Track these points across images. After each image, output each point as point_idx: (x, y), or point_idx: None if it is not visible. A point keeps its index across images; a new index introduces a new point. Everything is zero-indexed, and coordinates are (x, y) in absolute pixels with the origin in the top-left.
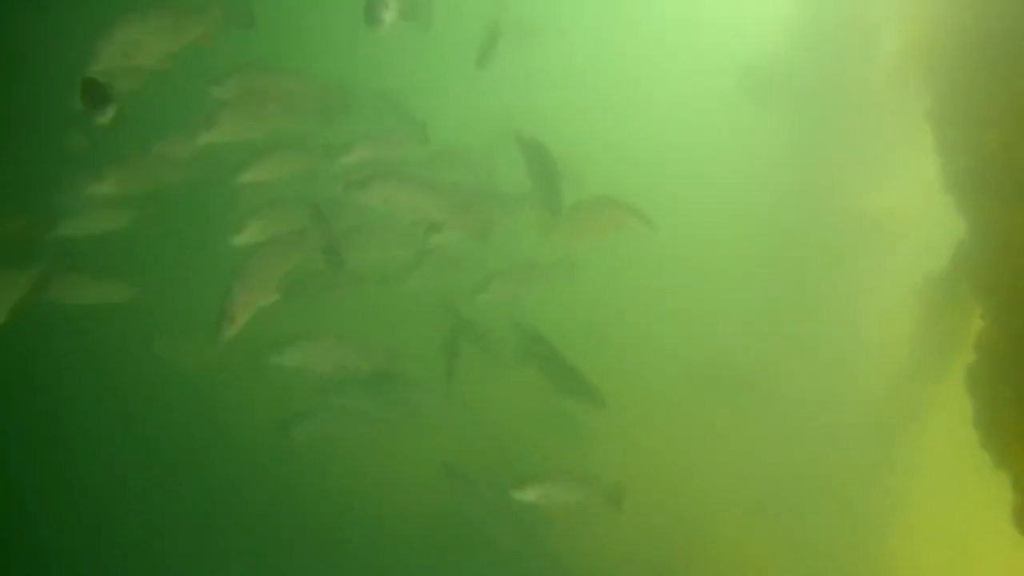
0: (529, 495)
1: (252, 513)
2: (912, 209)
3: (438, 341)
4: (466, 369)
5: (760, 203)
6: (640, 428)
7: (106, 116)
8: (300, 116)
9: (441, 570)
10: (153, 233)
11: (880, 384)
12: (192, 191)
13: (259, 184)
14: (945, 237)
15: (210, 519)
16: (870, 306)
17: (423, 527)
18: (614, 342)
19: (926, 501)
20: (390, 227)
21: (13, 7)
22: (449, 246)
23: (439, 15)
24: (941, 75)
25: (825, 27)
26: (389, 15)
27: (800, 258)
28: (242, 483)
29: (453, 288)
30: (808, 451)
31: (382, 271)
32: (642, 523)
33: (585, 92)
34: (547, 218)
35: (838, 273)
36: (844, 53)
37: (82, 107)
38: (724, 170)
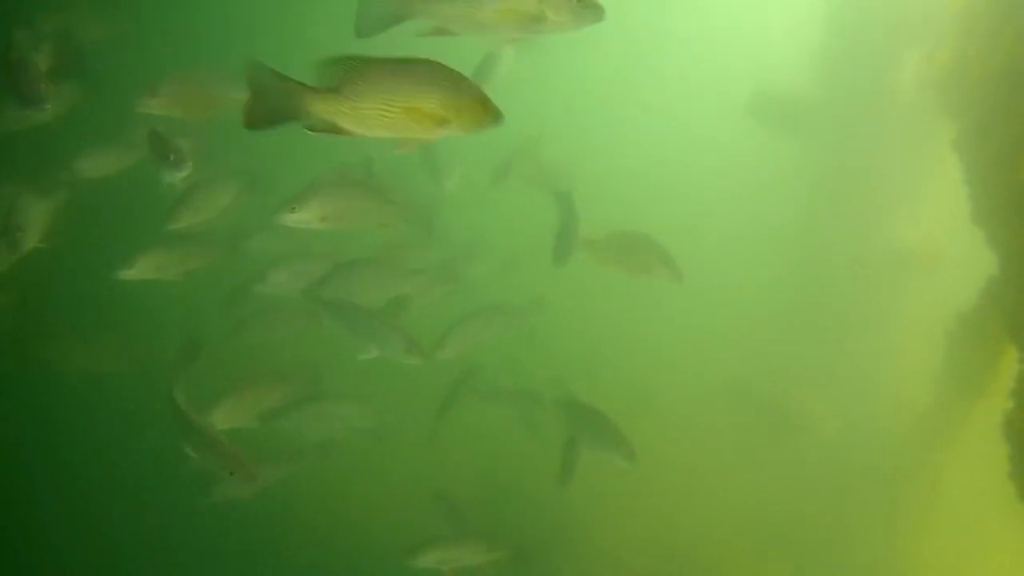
0: (426, 560)
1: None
2: (941, 242)
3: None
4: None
5: (781, 236)
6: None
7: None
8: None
9: None
10: None
11: (904, 423)
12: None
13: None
14: (975, 272)
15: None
16: (897, 341)
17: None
18: (634, 365)
19: (945, 549)
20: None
21: None
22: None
23: None
24: (968, 103)
25: (848, 51)
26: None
27: (820, 294)
28: None
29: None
30: (824, 485)
31: None
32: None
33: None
34: (558, 258)
35: (863, 306)
36: (867, 79)
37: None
38: (747, 200)
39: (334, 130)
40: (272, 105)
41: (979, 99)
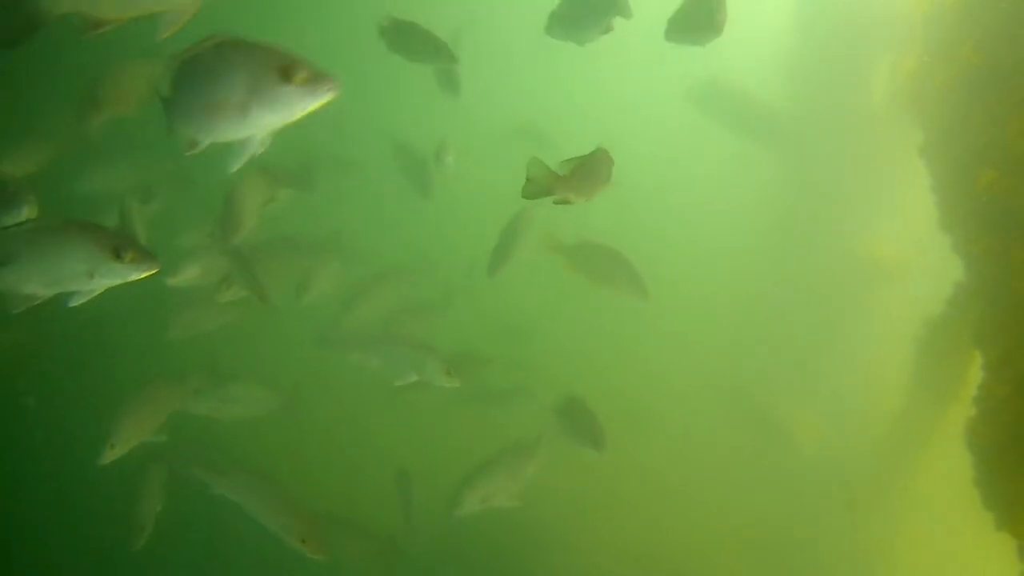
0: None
1: None
2: (910, 249)
3: None
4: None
5: (752, 245)
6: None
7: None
8: None
9: None
10: None
11: (875, 429)
12: None
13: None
14: (944, 279)
15: None
16: (868, 347)
17: None
18: (618, 368)
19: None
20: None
21: None
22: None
23: None
24: (932, 111)
25: (817, 60)
26: None
27: (793, 302)
28: None
29: None
30: (798, 490)
31: None
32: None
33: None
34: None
35: (834, 313)
36: (837, 87)
37: None
38: (719, 209)
39: None
40: None
41: (942, 107)
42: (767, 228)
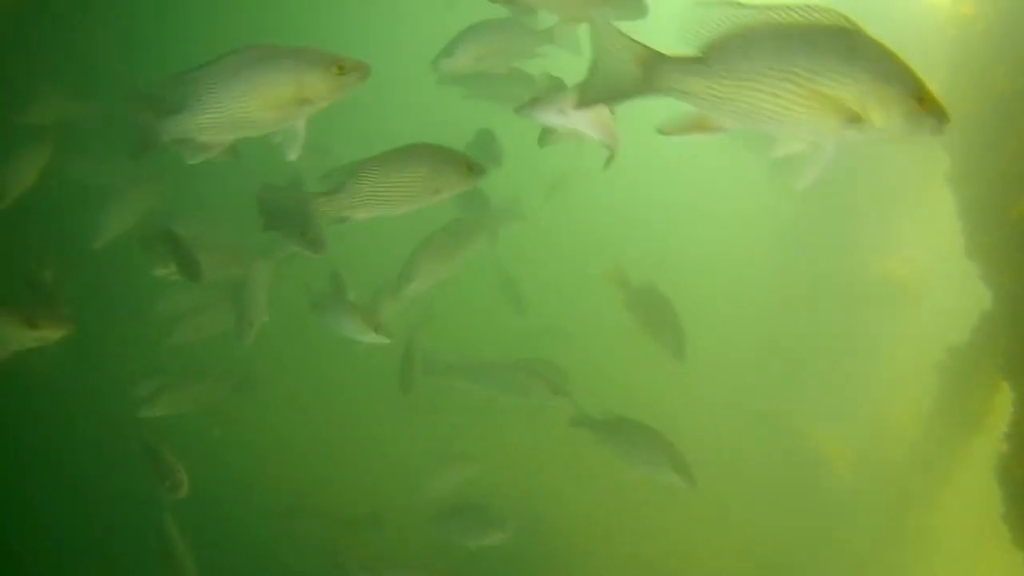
0: None
1: None
2: (935, 274)
3: None
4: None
5: (776, 267)
6: None
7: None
8: None
9: None
10: None
11: (898, 457)
12: None
13: None
14: (968, 306)
15: None
16: (891, 373)
17: None
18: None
19: None
20: None
21: None
22: None
23: None
24: (961, 137)
25: None
26: None
27: (816, 326)
28: None
29: None
30: (815, 519)
31: None
32: None
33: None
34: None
35: (857, 338)
36: None
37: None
38: (741, 230)
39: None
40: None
41: (971, 133)
42: (788, 248)
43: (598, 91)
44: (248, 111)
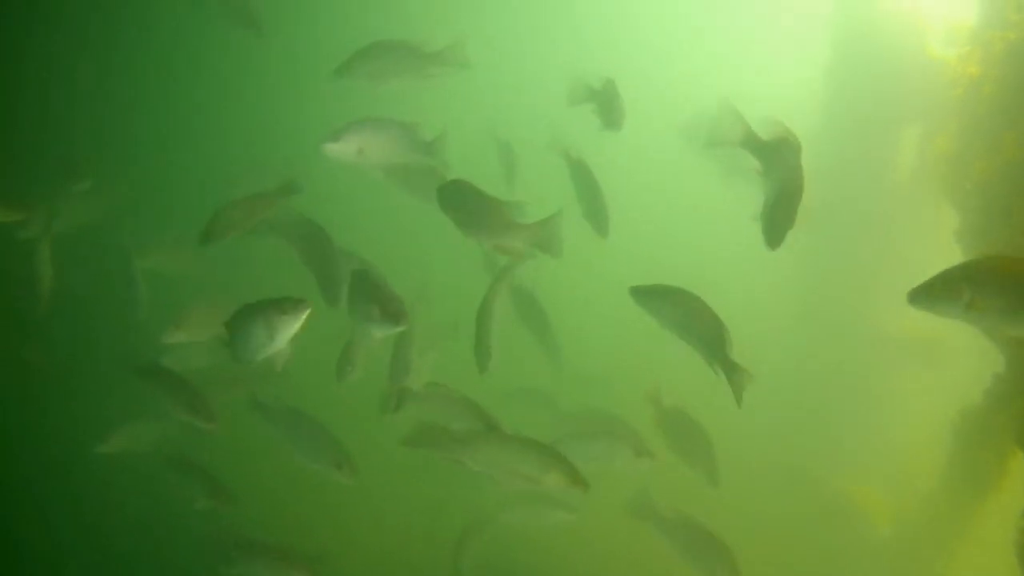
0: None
1: None
2: (948, 333)
3: None
4: None
5: (787, 322)
6: None
7: None
8: None
9: None
10: None
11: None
12: None
13: None
14: (982, 367)
15: None
16: (906, 433)
17: None
18: None
19: None
20: None
21: None
22: None
23: None
24: (970, 199)
25: (847, 131)
26: None
27: (827, 384)
28: None
29: None
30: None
31: None
32: None
33: None
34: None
35: (871, 397)
36: (869, 160)
37: None
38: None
39: None
40: None
41: (981, 198)
42: (798, 304)
43: None
44: None
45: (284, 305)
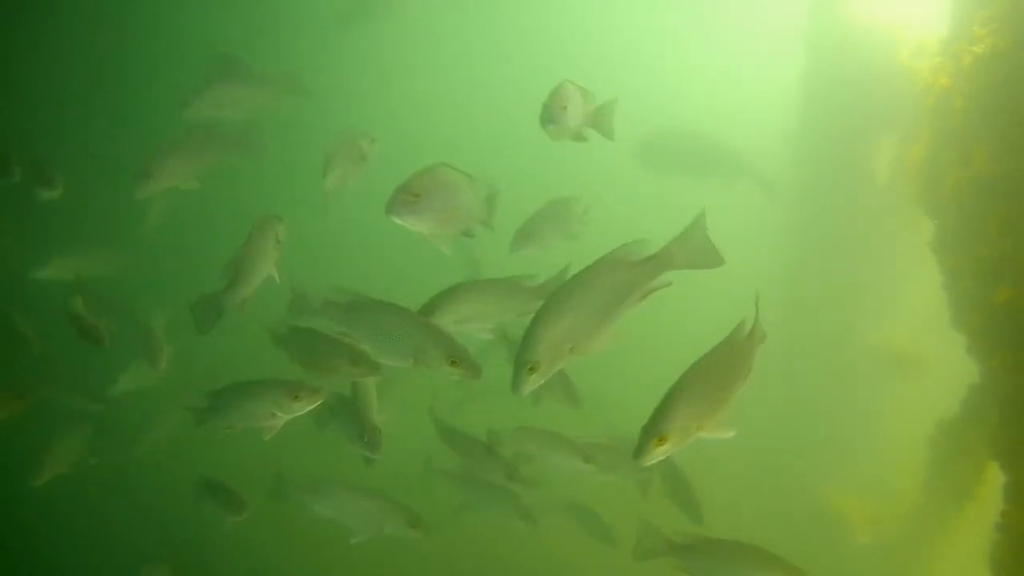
0: None
1: None
2: (925, 342)
3: None
4: None
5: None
6: None
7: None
8: None
9: None
10: None
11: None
12: None
13: None
14: (958, 377)
15: None
16: (884, 445)
17: None
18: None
19: None
20: None
21: None
22: None
23: None
24: (944, 209)
25: (823, 139)
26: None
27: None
28: None
29: None
30: None
31: None
32: None
33: None
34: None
35: (851, 409)
36: (845, 168)
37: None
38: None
39: None
40: None
41: (954, 209)
42: (776, 313)
43: None
44: None
45: (298, 391)
